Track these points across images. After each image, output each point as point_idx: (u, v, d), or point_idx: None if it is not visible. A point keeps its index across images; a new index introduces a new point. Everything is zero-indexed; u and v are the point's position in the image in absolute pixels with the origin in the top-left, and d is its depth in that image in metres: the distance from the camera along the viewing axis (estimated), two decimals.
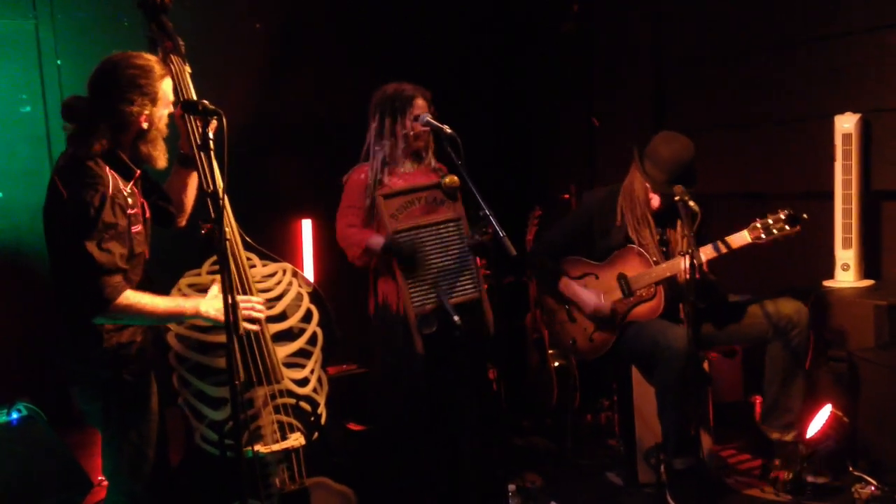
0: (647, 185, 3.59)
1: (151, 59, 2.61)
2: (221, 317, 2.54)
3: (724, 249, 3.47)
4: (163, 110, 2.63)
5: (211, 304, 2.64)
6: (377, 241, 3.43)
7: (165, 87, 2.62)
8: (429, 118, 3.40)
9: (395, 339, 3.49)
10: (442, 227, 3.51)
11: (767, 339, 3.57)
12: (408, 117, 3.49)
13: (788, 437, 3.56)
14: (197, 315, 2.62)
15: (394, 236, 3.41)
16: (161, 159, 2.66)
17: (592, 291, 3.74)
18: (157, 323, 2.64)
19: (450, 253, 3.50)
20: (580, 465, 4.04)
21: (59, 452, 3.43)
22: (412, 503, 3.53)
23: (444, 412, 3.59)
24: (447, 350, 3.42)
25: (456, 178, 3.46)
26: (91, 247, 2.43)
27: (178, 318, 2.64)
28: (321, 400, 2.95)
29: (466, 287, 3.50)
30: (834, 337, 3.86)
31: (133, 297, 2.51)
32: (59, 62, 4.12)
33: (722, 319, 3.66)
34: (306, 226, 4.79)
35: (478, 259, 3.59)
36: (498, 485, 3.33)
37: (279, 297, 2.95)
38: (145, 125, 2.59)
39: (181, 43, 2.81)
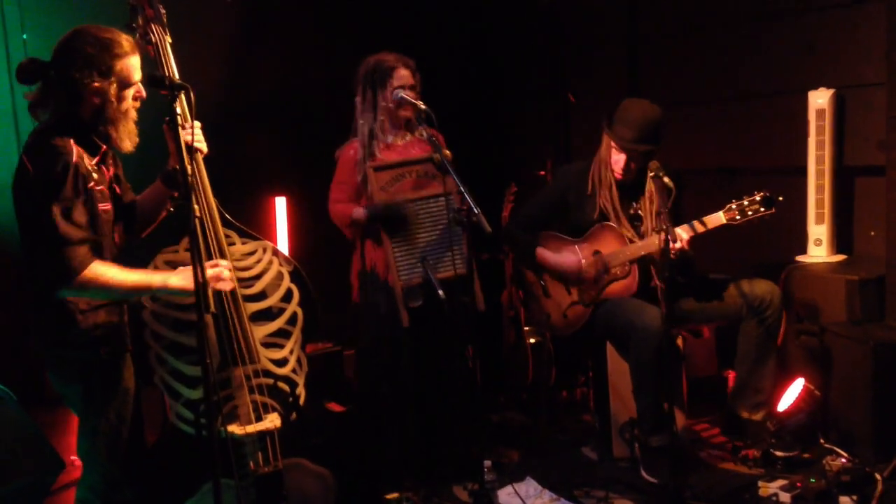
0: (613, 146, 3.61)
1: (118, 36, 2.54)
2: (188, 285, 2.50)
3: (699, 229, 3.49)
4: (123, 89, 2.54)
5: (177, 276, 2.57)
6: (360, 211, 3.47)
7: (127, 65, 2.53)
8: (402, 94, 3.37)
9: (379, 309, 3.52)
10: (432, 201, 3.50)
11: (741, 317, 3.60)
12: (388, 88, 3.48)
13: (758, 417, 3.60)
14: (164, 287, 2.55)
15: (377, 205, 3.42)
16: (125, 141, 2.59)
17: (570, 255, 3.73)
18: (123, 297, 2.58)
19: (438, 228, 3.49)
20: (555, 441, 4.06)
21: (30, 433, 3.38)
22: (388, 481, 3.53)
23: (425, 388, 3.60)
24: (431, 325, 3.43)
25: (448, 152, 3.42)
26: (57, 217, 2.40)
27: (145, 291, 2.56)
28: (300, 381, 2.92)
29: (454, 262, 3.50)
30: (806, 311, 3.89)
31: (100, 269, 2.45)
32: (24, 37, 4.03)
33: (697, 297, 3.68)
34: (280, 203, 4.74)
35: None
36: (474, 460, 3.34)
37: (259, 276, 2.91)
38: (97, 101, 2.52)
39: (163, 11, 2.75)
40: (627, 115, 3.59)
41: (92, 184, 2.51)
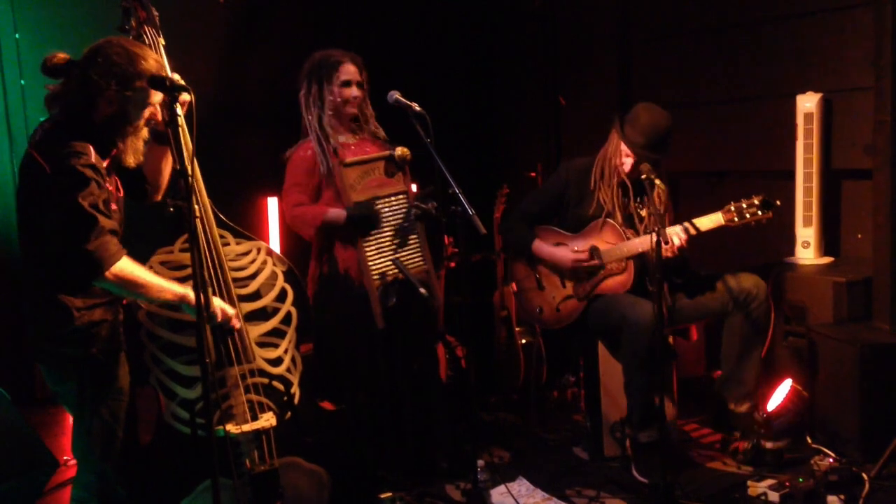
0: (623, 146, 3.63)
1: (147, 53, 2.52)
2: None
3: (693, 231, 3.51)
4: (138, 107, 2.53)
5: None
6: (337, 213, 3.39)
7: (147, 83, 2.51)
8: (397, 96, 3.37)
9: (351, 314, 3.46)
10: (394, 198, 3.51)
11: (728, 311, 3.64)
12: (334, 83, 3.47)
13: (743, 409, 3.64)
14: (184, 300, 2.56)
15: (357, 206, 3.39)
16: (129, 156, 2.59)
17: (565, 248, 3.77)
18: (147, 299, 2.59)
19: (402, 224, 3.51)
20: (547, 440, 4.09)
21: (23, 432, 3.38)
22: (382, 480, 3.54)
23: (406, 388, 3.60)
24: (402, 323, 3.42)
25: (407, 149, 3.44)
26: (90, 207, 2.38)
27: (168, 297, 2.56)
28: (294, 380, 2.94)
29: (416, 259, 3.52)
30: (794, 313, 3.94)
31: (131, 265, 2.47)
32: (17, 36, 4.01)
33: (687, 293, 3.72)
34: (272, 204, 4.74)
35: (446, 237, 3.60)
36: (466, 460, 3.36)
37: (253, 276, 2.93)
38: (109, 109, 2.49)
39: (155, 13, 2.75)
40: (641, 119, 3.59)
41: (105, 184, 2.51)
